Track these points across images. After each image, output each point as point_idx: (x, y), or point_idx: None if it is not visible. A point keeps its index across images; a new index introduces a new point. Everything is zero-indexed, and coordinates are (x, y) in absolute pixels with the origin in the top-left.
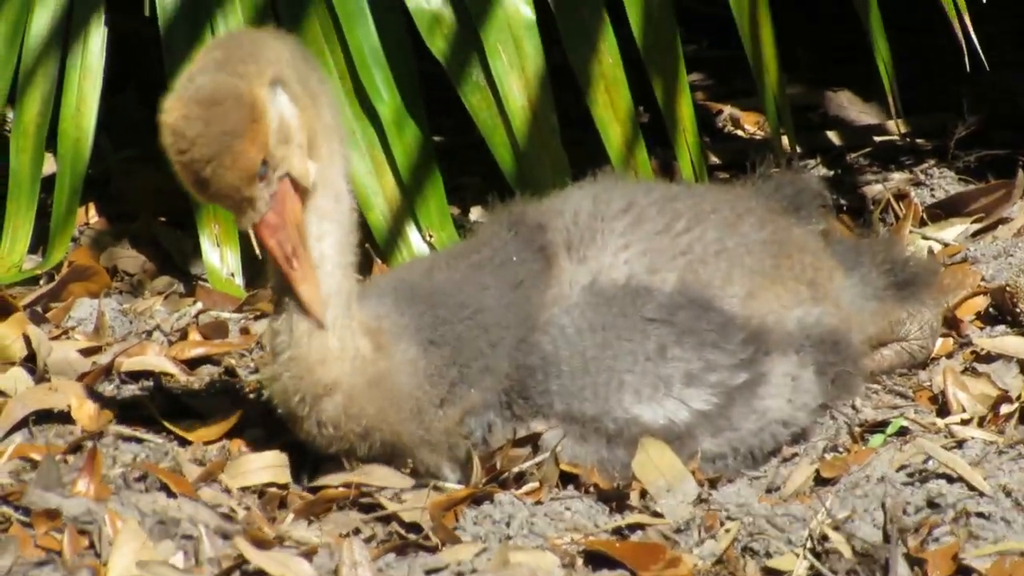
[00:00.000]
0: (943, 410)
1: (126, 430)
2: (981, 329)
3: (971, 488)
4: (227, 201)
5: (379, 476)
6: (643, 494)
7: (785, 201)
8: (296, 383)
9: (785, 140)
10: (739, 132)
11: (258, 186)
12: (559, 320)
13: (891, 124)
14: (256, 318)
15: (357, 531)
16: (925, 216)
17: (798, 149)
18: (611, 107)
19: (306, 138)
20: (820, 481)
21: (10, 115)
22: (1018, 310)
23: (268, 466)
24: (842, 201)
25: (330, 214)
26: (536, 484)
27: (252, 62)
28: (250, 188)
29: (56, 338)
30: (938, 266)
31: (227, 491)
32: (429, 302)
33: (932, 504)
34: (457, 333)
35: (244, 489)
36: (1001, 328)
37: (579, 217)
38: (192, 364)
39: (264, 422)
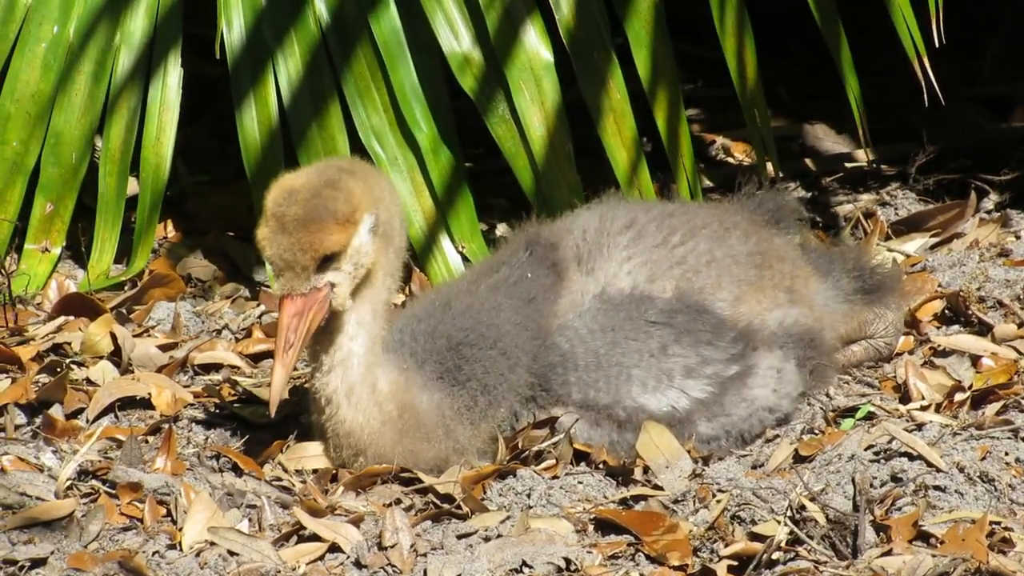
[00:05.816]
0: (905, 398)
1: (199, 415)
2: (938, 328)
3: (929, 465)
4: (285, 259)
5: None
6: (645, 470)
7: (767, 215)
8: (335, 441)
9: (769, 166)
10: (729, 159)
11: (313, 266)
12: (574, 323)
13: (860, 152)
14: None
15: (398, 501)
16: (890, 231)
17: (780, 174)
18: (619, 136)
19: (366, 271)
20: (798, 459)
21: (98, 143)
22: (970, 312)
23: (319, 454)
24: (818, 219)
25: (365, 325)
26: (553, 461)
27: (365, 187)
28: (310, 261)
29: (138, 335)
30: (900, 273)
31: (285, 469)
32: (450, 342)
33: (895, 479)
34: (483, 367)
35: (300, 470)
36: (955, 327)
37: (587, 234)
38: (256, 358)
39: None
